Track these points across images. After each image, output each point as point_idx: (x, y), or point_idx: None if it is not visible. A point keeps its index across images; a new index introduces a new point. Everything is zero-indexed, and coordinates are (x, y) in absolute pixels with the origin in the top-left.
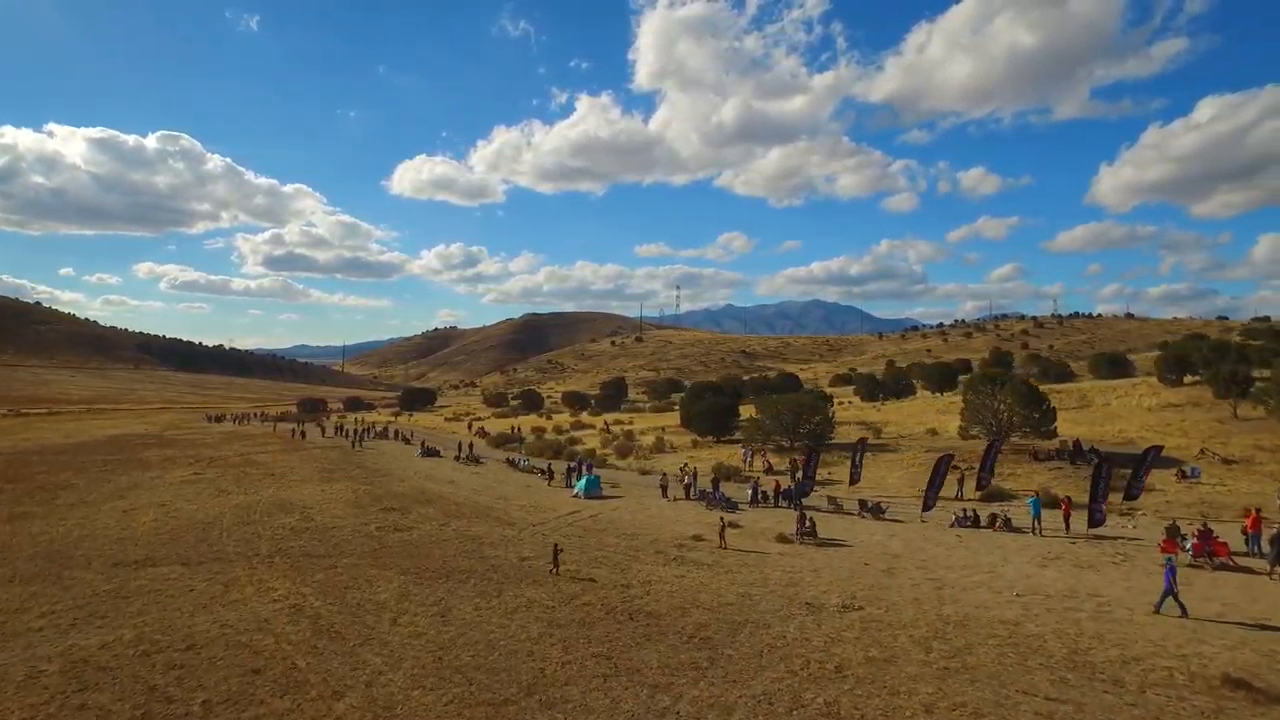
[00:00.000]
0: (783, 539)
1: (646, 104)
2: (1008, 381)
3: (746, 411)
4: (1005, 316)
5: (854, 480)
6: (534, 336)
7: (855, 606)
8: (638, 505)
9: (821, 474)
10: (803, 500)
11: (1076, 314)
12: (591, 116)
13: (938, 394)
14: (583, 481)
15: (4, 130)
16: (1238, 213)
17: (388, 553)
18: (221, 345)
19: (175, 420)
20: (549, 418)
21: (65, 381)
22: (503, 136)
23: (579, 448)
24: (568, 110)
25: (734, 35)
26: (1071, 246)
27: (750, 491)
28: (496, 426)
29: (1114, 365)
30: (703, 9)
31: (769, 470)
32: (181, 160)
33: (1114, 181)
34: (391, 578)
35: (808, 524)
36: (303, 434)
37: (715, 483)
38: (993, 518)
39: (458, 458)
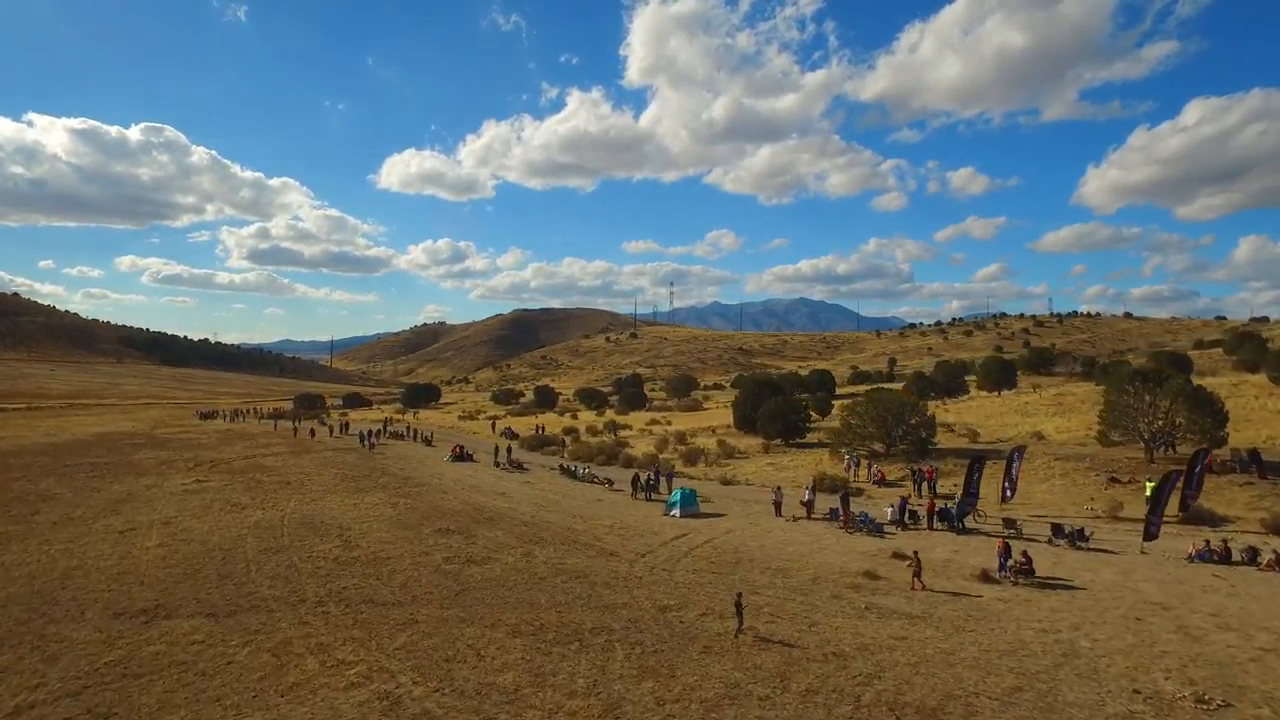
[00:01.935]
0: (986, 578)
1: (637, 100)
2: (1168, 379)
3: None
4: (1005, 315)
5: (1007, 496)
6: (524, 332)
7: (1214, 701)
8: (752, 526)
9: (943, 487)
10: (964, 521)
11: (1075, 313)
12: (582, 112)
13: (995, 393)
14: (677, 496)
15: None
16: (1219, 215)
17: (475, 597)
18: (206, 339)
19: (163, 417)
20: (574, 416)
21: (45, 376)
22: (492, 131)
23: (628, 451)
24: (558, 105)
25: (726, 32)
26: (1057, 247)
27: (891, 510)
28: (518, 425)
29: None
30: (695, 5)
31: (880, 480)
32: (165, 152)
33: (1100, 183)
34: (502, 641)
35: (1023, 559)
36: (311, 433)
37: (845, 499)
38: (1251, 551)
39: (497, 464)
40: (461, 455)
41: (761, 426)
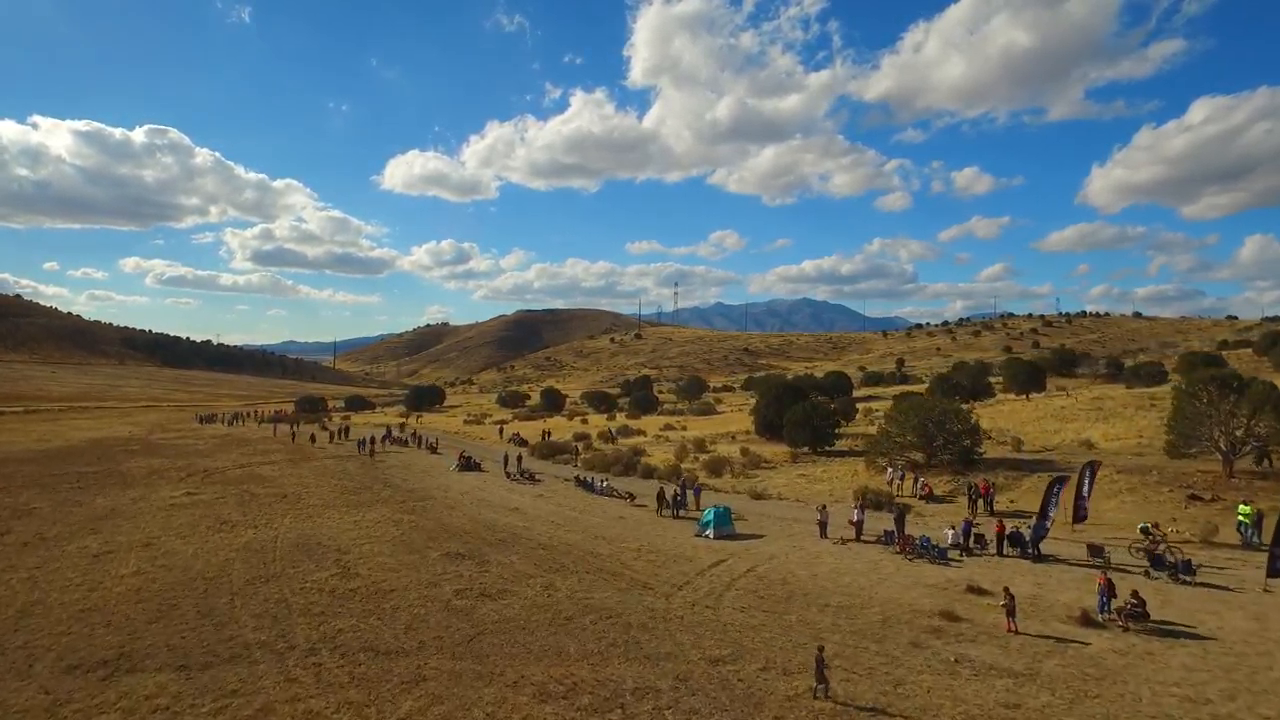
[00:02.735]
0: (1087, 620)
1: (641, 100)
2: (1250, 384)
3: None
4: (1013, 315)
5: (1079, 516)
6: (527, 333)
7: None
8: (797, 550)
9: (999, 503)
10: (1040, 547)
11: (1083, 313)
12: (585, 112)
13: (1023, 396)
14: (710, 515)
15: None
16: (1224, 214)
17: (492, 644)
18: (209, 340)
19: (162, 421)
20: (584, 421)
21: (45, 378)
22: (495, 132)
23: (646, 460)
24: (561, 106)
25: (730, 32)
26: (1061, 246)
27: (952, 533)
28: (525, 430)
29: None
30: (699, 5)
31: (928, 495)
32: (169, 154)
33: (1105, 182)
34: (528, 709)
35: (1133, 600)
36: (312, 438)
37: (901, 519)
38: None
39: (507, 474)
40: (469, 464)
41: (788, 434)
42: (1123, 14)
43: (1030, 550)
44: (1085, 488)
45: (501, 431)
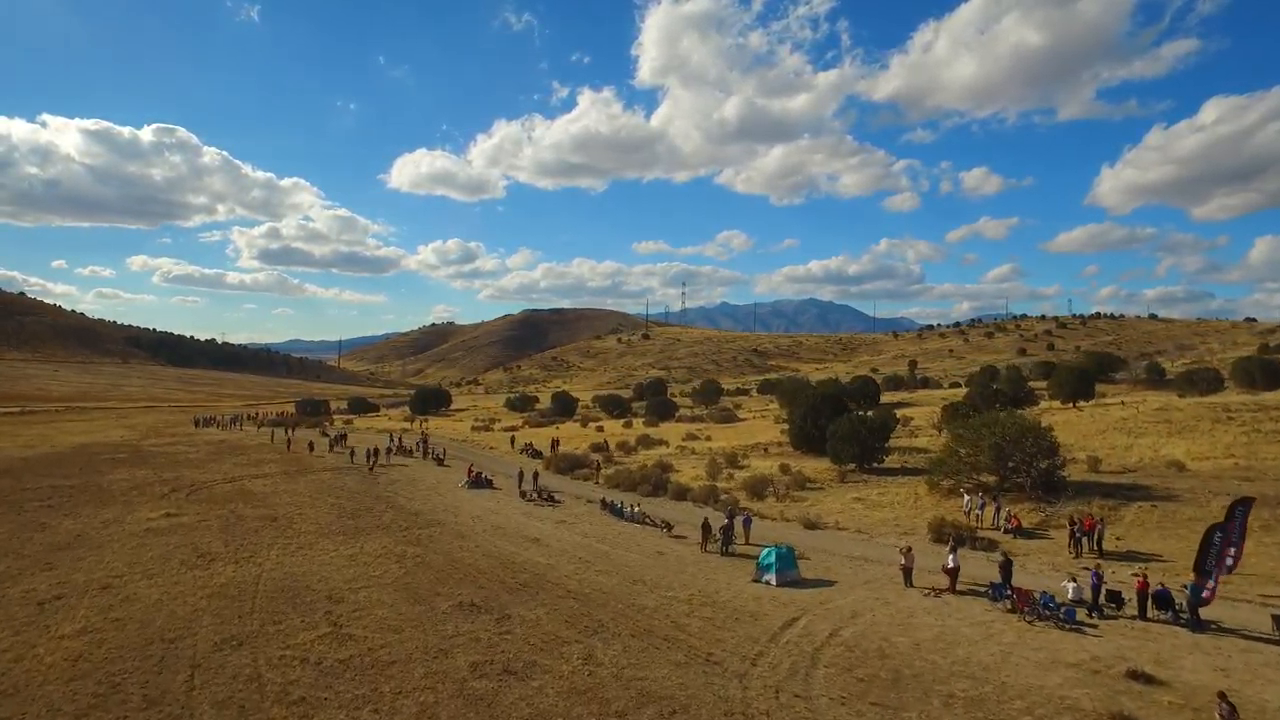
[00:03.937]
0: None
1: (649, 100)
2: None
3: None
4: (1026, 316)
5: (1228, 565)
6: (533, 333)
7: None
8: (883, 604)
9: (1108, 541)
10: (1200, 614)
11: (1098, 314)
12: (593, 111)
13: (1071, 405)
14: (772, 555)
15: None
16: (1235, 215)
17: None
18: (214, 339)
19: (158, 424)
20: (599, 429)
21: (47, 377)
22: (503, 131)
23: (675, 477)
24: (569, 105)
25: (738, 31)
26: (1069, 247)
27: (1074, 586)
28: (537, 437)
29: (1265, 370)
30: (708, 4)
31: (1016, 528)
32: (177, 153)
33: (1115, 183)
34: None
35: None
36: (310, 446)
37: (1007, 568)
38: None
39: (523, 493)
40: (479, 481)
41: (832, 449)
42: (1136, 13)
43: (1190, 616)
44: (1238, 527)
45: (513, 441)
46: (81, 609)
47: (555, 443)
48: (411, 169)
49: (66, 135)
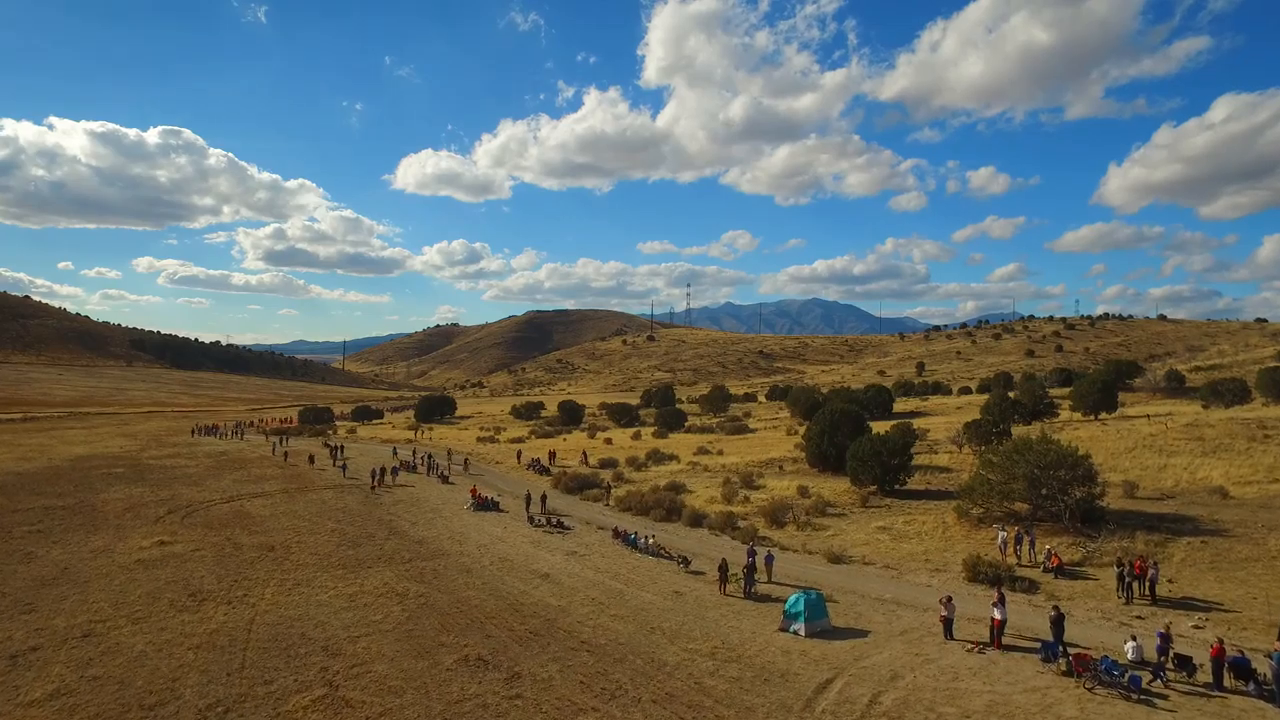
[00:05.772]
0: None
1: (655, 100)
2: None
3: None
4: (1033, 317)
5: None
6: (538, 334)
7: None
8: (923, 663)
9: (1161, 586)
10: None
11: (1106, 315)
12: (599, 111)
13: (1092, 417)
14: (800, 602)
15: (4, 123)
16: (1244, 214)
17: None
18: (218, 341)
19: (160, 432)
20: (608, 441)
21: (51, 380)
22: (508, 131)
23: (689, 500)
24: (575, 105)
25: (745, 31)
26: (1076, 246)
27: (1133, 645)
28: (542, 451)
29: None
30: (714, 4)
31: (1057, 567)
32: (183, 154)
33: (1122, 181)
34: None
35: None
36: (311, 459)
37: (1060, 624)
38: None
39: (530, 518)
40: (485, 504)
41: (852, 471)
42: (1146, 11)
43: (1272, 688)
44: None
45: (520, 456)
46: (57, 664)
47: (552, 455)
48: (417, 170)
49: (73, 137)
